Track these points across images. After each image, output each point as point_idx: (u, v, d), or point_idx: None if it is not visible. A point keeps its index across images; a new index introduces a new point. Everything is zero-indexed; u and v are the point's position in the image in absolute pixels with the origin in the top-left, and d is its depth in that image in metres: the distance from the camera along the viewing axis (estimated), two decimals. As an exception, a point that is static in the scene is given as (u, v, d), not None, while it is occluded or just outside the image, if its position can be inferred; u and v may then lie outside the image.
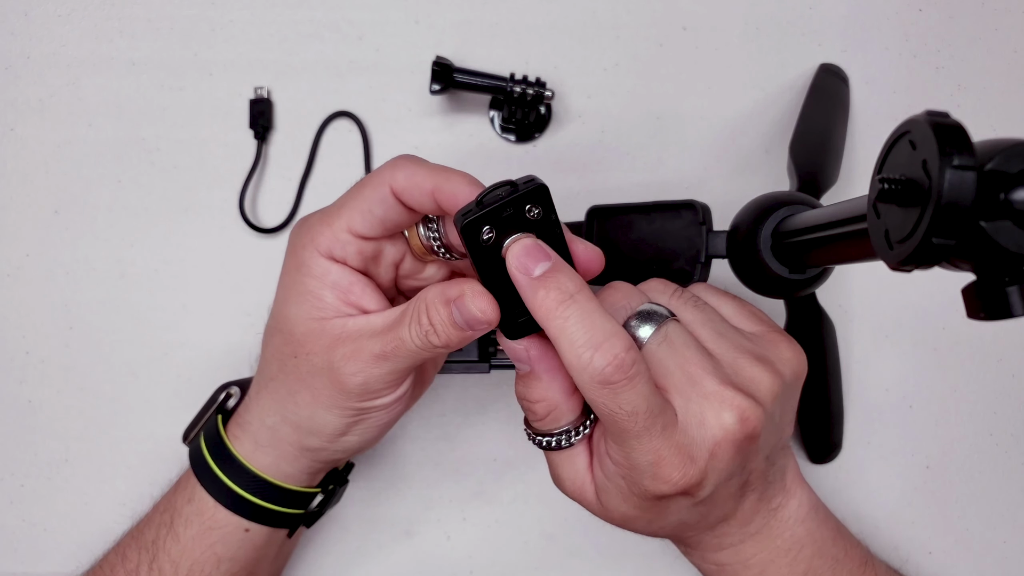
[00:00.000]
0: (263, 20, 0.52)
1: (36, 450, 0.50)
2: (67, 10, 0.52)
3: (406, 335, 0.33)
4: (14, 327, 0.50)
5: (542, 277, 0.30)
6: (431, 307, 0.32)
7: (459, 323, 0.32)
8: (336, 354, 0.34)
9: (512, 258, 0.30)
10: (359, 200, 0.33)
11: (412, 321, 0.33)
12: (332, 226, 0.34)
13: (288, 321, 0.35)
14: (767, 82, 0.53)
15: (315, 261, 0.34)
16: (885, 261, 0.25)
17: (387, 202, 0.33)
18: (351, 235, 0.34)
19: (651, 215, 0.43)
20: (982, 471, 0.52)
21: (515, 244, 0.30)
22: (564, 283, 0.30)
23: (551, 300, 0.30)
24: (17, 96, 0.51)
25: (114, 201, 0.51)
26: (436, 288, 0.33)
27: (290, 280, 0.35)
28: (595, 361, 0.29)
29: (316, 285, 0.34)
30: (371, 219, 0.33)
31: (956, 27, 0.54)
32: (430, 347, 0.33)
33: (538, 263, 0.30)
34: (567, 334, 0.29)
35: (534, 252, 0.30)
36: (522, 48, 0.52)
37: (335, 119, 0.52)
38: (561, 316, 0.29)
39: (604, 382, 0.29)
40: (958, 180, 0.22)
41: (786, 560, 0.36)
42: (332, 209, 0.34)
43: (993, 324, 0.25)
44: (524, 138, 0.52)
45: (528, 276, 0.30)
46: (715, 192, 0.51)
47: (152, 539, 0.39)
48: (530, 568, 0.51)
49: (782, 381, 0.33)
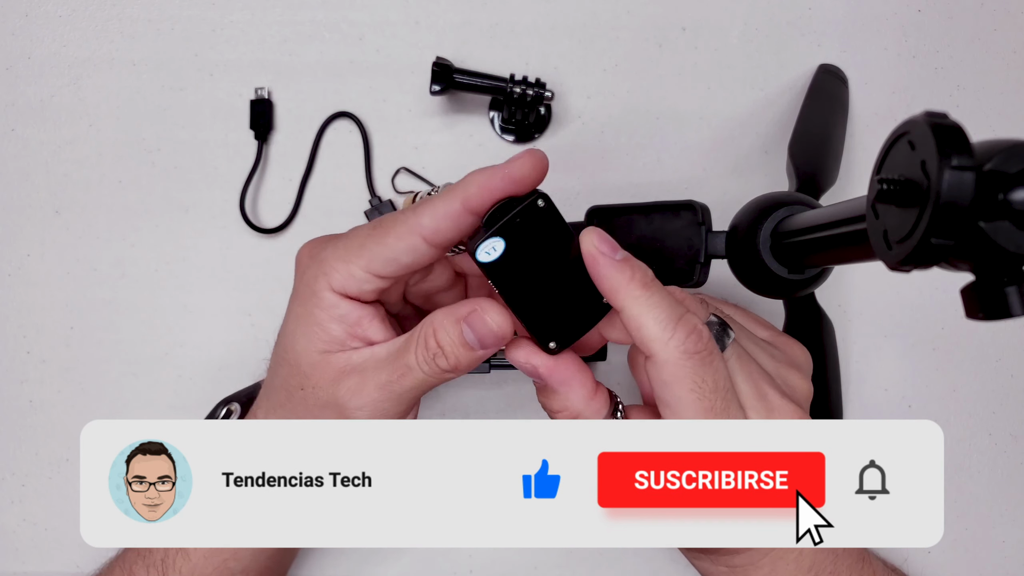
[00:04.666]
0: (264, 21, 0.52)
1: (36, 450, 0.50)
2: (68, 11, 0.52)
3: (412, 361, 0.32)
4: (15, 327, 0.50)
5: (624, 260, 0.31)
6: (439, 329, 0.32)
7: (470, 342, 0.32)
8: (341, 388, 0.33)
9: (593, 242, 0.31)
10: (384, 248, 0.32)
11: (418, 346, 0.32)
12: (350, 264, 0.32)
13: (295, 353, 0.34)
14: (766, 82, 0.53)
15: (326, 295, 0.33)
16: (884, 261, 0.25)
17: (417, 251, 0.32)
18: (370, 275, 0.32)
19: (651, 215, 0.43)
20: (981, 471, 0.52)
21: (590, 233, 0.31)
22: (644, 267, 0.32)
23: (639, 278, 0.31)
24: (18, 96, 0.51)
25: (115, 201, 0.51)
26: (443, 310, 0.32)
27: (301, 311, 0.34)
28: (678, 333, 0.31)
29: (325, 318, 0.33)
30: (396, 265, 0.32)
31: (955, 28, 0.54)
32: (437, 372, 0.32)
33: (617, 249, 0.32)
34: (652, 311, 0.31)
35: (610, 240, 0.32)
36: (522, 49, 0.53)
37: (335, 119, 0.52)
38: (646, 294, 0.31)
39: (690, 352, 0.31)
40: (957, 180, 0.22)
41: (792, 556, 0.36)
42: (352, 246, 0.33)
43: (992, 324, 0.25)
44: (524, 139, 0.52)
45: (613, 258, 0.31)
46: (714, 192, 0.51)
47: (161, 557, 0.38)
48: (530, 568, 0.51)
49: (810, 383, 0.36)
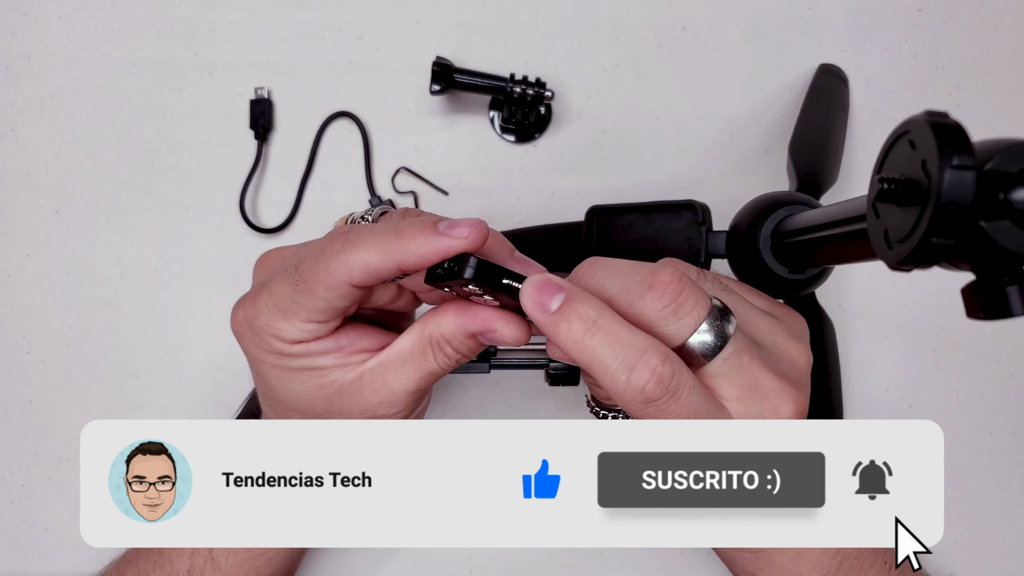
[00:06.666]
0: (263, 20, 0.52)
1: (36, 450, 0.50)
2: (67, 10, 0.52)
3: (433, 365, 0.33)
4: (15, 327, 0.50)
5: (559, 311, 0.29)
6: (454, 342, 0.32)
7: (487, 343, 0.33)
8: (368, 400, 0.34)
9: (527, 300, 0.29)
10: (317, 300, 0.31)
11: (436, 356, 0.33)
12: (291, 322, 0.32)
13: (301, 399, 0.34)
14: (766, 82, 0.53)
15: (287, 348, 0.32)
16: (884, 261, 0.25)
17: (351, 295, 0.31)
18: (314, 324, 0.32)
19: (651, 215, 0.43)
20: (981, 471, 0.52)
21: (526, 286, 0.29)
22: (583, 311, 0.29)
23: (575, 332, 0.28)
24: (18, 96, 0.51)
25: (114, 201, 0.51)
26: (448, 318, 0.32)
27: (276, 372, 0.33)
28: (633, 382, 0.28)
29: (305, 362, 0.33)
30: (333, 310, 0.32)
31: (955, 27, 0.54)
32: (456, 364, 0.34)
33: (552, 296, 0.29)
34: (598, 362, 0.28)
35: (546, 287, 0.29)
36: (522, 48, 0.52)
37: (335, 119, 0.52)
38: (588, 346, 0.28)
39: (647, 401, 0.28)
40: (957, 180, 0.22)
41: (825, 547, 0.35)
42: (283, 305, 0.32)
43: (992, 324, 0.25)
44: (524, 138, 0.52)
45: (547, 314, 0.29)
46: (714, 192, 0.51)
47: (187, 569, 0.37)
48: (530, 568, 0.51)
49: (810, 353, 0.34)
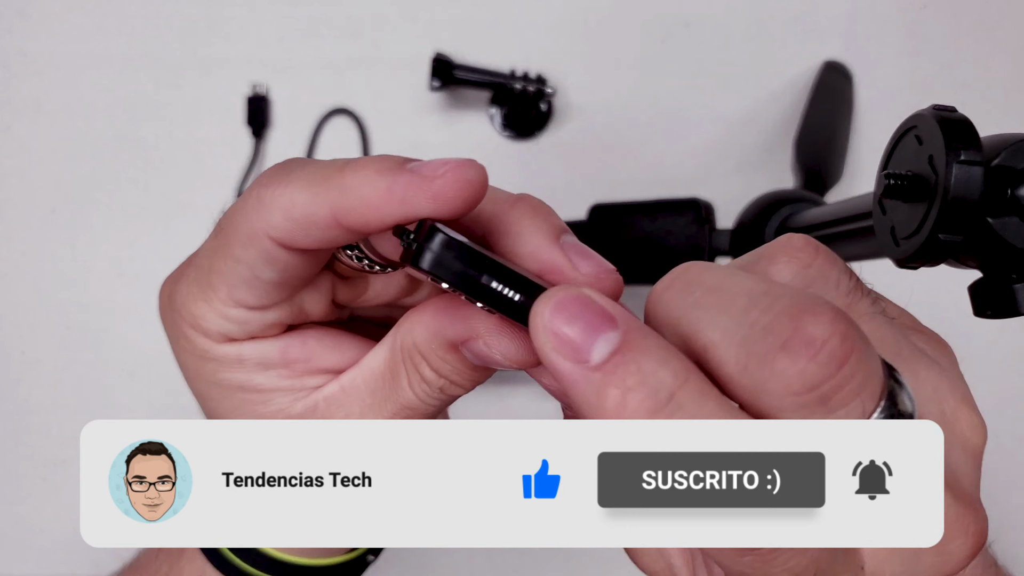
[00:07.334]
0: (261, 17, 0.52)
1: (32, 451, 0.50)
2: (64, 8, 0.51)
3: (408, 394, 0.23)
4: (10, 327, 0.50)
5: (608, 366, 0.16)
6: (430, 358, 0.22)
7: (477, 363, 0.22)
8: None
9: (542, 333, 0.17)
10: (233, 265, 0.21)
11: (412, 380, 0.23)
12: (211, 304, 0.22)
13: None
14: (770, 79, 0.53)
15: (212, 349, 0.24)
16: (891, 258, 0.25)
17: (276, 258, 0.21)
18: (244, 310, 0.22)
19: (654, 213, 0.43)
20: (985, 471, 0.52)
21: (543, 305, 0.17)
22: (651, 374, 0.16)
23: (631, 411, 0.16)
24: (14, 94, 0.51)
25: (111, 199, 0.51)
26: (420, 328, 0.22)
27: (194, 384, 0.25)
28: None
29: (236, 376, 0.24)
30: (262, 286, 0.22)
31: (960, 24, 0.54)
32: (452, 398, 0.24)
33: (595, 336, 0.16)
34: None
35: (583, 313, 0.17)
36: (523, 44, 0.52)
37: (333, 116, 0.51)
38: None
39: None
40: (965, 175, 0.21)
41: None
42: (202, 276, 0.23)
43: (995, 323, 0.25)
44: (525, 135, 0.52)
45: (584, 367, 0.16)
46: (718, 190, 0.51)
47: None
48: (530, 568, 0.50)
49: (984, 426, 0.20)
